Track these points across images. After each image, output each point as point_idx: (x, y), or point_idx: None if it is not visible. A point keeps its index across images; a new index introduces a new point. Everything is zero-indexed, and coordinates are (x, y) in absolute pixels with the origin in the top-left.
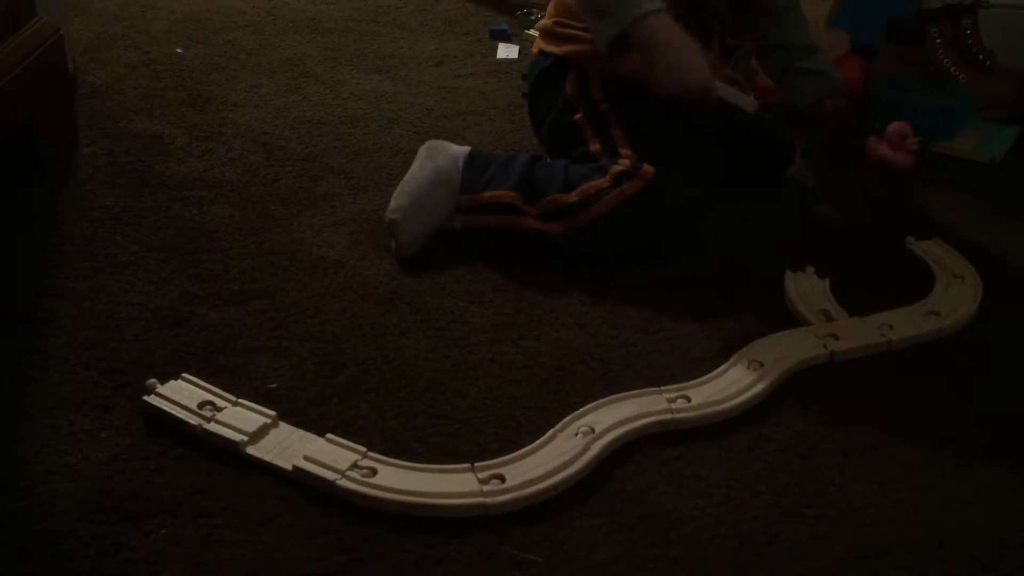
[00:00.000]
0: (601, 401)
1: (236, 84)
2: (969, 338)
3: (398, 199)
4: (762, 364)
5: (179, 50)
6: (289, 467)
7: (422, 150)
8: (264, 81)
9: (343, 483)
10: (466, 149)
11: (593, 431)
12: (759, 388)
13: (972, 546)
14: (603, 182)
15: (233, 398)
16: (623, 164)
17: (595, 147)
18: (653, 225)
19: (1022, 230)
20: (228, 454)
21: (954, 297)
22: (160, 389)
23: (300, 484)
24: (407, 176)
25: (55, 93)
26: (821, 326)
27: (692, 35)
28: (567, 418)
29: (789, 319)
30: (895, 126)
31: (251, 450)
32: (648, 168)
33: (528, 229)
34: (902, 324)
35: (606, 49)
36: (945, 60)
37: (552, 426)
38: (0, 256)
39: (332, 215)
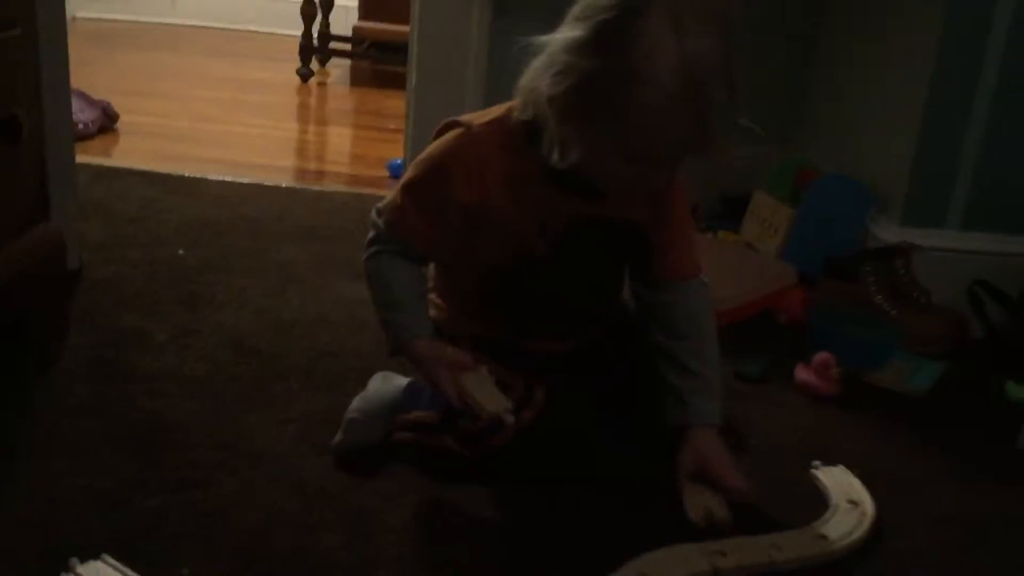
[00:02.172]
0: None
1: (226, 285)
2: (855, 564)
3: (360, 403)
4: None
5: (181, 251)
6: None
7: (375, 377)
8: (253, 283)
9: None
10: (406, 381)
11: None
12: None
13: None
14: None
15: None
16: (518, 392)
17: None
18: (553, 445)
19: (929, 462)
20: None
21: (844, 522)
22: (79, 569)
23: None
24: (369, 390)
25: (50, 293)
26: (711, 542)
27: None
28: None
29: (684, 532)
30: (820, 356)
31: None
32: (540, 394)
33: (445, 449)
34: (790, 545)
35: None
36: (878, 297)
37: None
38: None
39: (283, 412)
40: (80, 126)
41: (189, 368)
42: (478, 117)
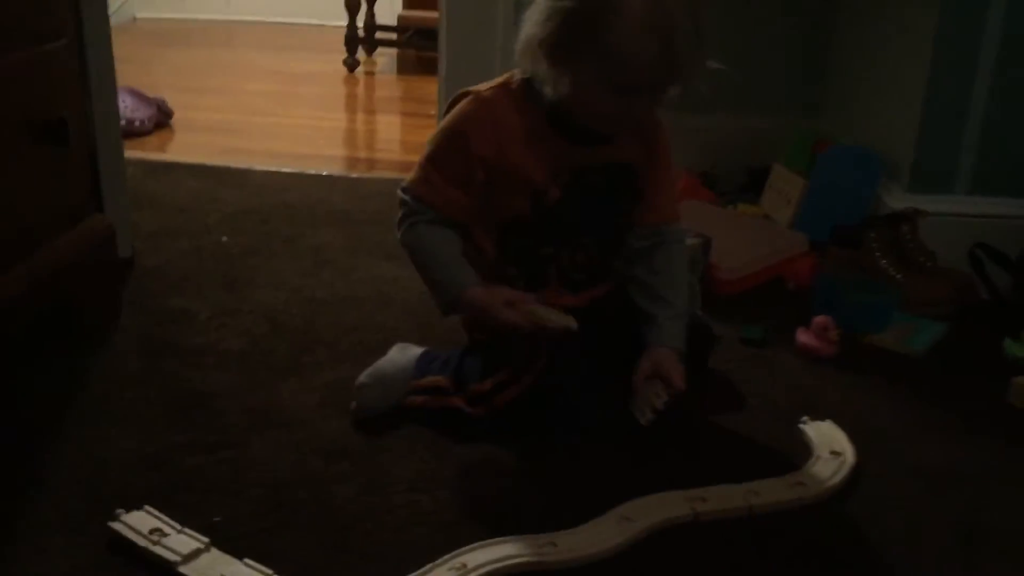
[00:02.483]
0: (481, 543)
1: (265, 268)
2: (831, 510)
3: (370, 371)
4: (631, 520)
5: (224, 238)
6: None
7: (394, 348)
8: (289, 265)
9: None
10: (421, 349)
11: (465, 566)
12: (622, 539)
13: None
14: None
15: (179, 527)
16: (521, 356)
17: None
18: (554, 404)
19: (919, 417)
20: (166, 571)
21: (823, 470)
22: (124, 517)
23: None
24: (383, 360)
25: (104, 279)
26: (692, 490)
27: (523, 278)
28: (447, 555)
29: (671, 483)
30: (819, 319)
31: (183, 568)
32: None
33: (454, 408)
34: (767, 491)
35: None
36: (883, 262)
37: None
38: (25, 405)
39: (311, 381)
40: (137, 123)
41: (228, 343)
42: (485, 84)
